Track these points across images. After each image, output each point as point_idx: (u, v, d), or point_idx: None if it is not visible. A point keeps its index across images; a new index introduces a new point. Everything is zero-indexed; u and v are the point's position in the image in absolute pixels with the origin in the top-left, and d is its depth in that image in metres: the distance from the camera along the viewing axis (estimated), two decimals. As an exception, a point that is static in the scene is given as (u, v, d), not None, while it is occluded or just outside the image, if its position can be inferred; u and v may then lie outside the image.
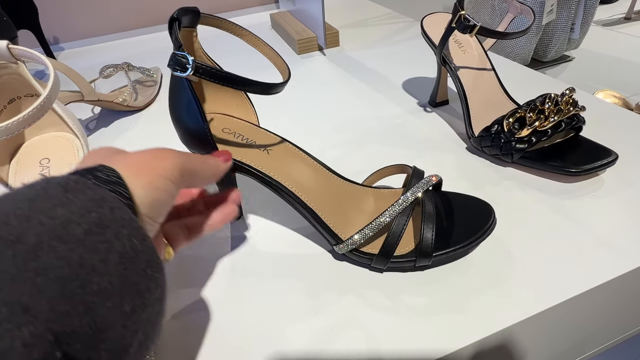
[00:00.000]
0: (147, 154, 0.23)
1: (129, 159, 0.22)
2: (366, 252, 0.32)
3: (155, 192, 0.21)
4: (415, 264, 0.32)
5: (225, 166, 0.28)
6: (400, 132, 0.51)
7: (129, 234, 0.18)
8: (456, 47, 0.49)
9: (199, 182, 0.26)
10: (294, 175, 0.34)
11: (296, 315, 0.30)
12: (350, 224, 0.33)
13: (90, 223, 0.16)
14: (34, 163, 0.33)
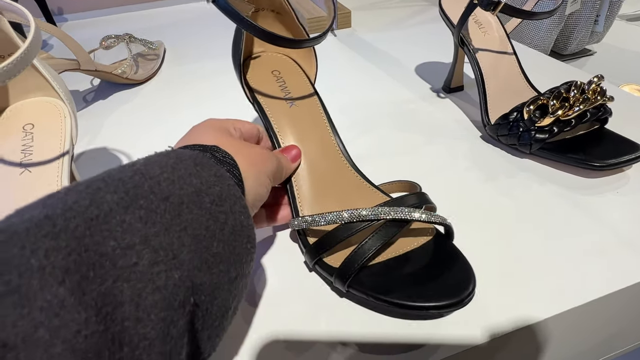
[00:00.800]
0: (255, 151, 0.26)
1: (243, 150, 0.25)
2: (328, 264, 0.27)
3: (260, 187, 0.24)
4: (333, 282, 0.27)
5: (294, 167, 0.31)
6: (411, 117, 0.48)
7: (239, 210, 0.20)
8: (476, 27, 0.45)
9: (280, 180, 0.30)
10: (297, 137, 0.33)
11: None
12: (320, 208, 0.30)
13: (214, 195, 0.19)
14: (17, 128, 0.31)
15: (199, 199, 0.18)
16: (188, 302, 0.16)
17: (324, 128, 0.33)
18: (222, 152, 0.23)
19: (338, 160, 0.33)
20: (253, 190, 0.23)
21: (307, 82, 0.36)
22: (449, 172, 0.39)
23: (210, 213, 0.18)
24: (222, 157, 0.22)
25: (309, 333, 0.26)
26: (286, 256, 0.32)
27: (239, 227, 0.20)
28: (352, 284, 0.26)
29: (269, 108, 0.33)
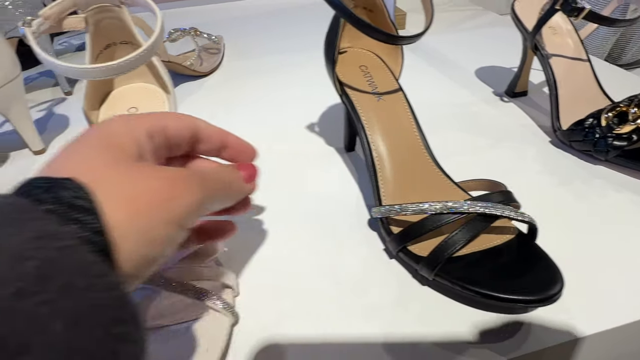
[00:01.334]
0: (151, 183, 0.16)
1: (128, 188, 0.15)
2: (414, 252, 0.29)
3: (150, 246, 0.15)
4: (418, 270, 0.28)
5: (248, 191, 0.23)
6: (476, 120, 0.48)
7: (86, 285, 0.12)
8: (550, 33, 0.45)
9: (215, 209, 0.21)
10: (383, 129, 0.34)
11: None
12: (404, 199, 0.31)
13: (24, 278, 0.11)
14: (122, 110, 0.34)
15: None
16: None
17: (409, 123, 0.34)
18: (74, 191, 0.14)
19: (421, 154, 0.34)
20: (136, 256, 0.15)
21: (392, 77, 0.37)
22: (520, 175, 0.39)
23: (12, 316, 0.11)
24: (72, 197, 0.14)
25: (395, 319, 0.27)
26: (364, 243, 0.33)
27: (86, 311, 0.12)
28: (440, 272, 0.27)
29: (358, 101, 0.35)
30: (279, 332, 0.27)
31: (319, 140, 0.47)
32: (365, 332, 0.26)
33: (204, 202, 0.18)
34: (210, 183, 0.19)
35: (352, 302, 0.28)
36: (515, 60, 0.61)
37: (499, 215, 0.27)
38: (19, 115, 0.44)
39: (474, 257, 0.28)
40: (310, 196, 0.38)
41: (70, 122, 0.54)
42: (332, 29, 0.35)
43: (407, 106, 0.35)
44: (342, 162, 0.43)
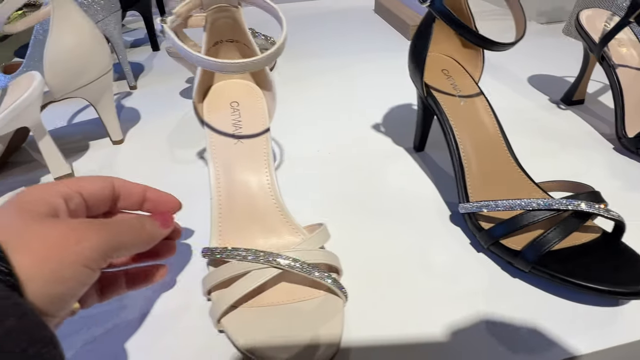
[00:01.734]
0: (57, 232, 0.19)
1: (34, 240, 0.18)
2: (507, 246, 0.30)
3: (60, 285, 0.18)
4: (514, 263, 0.30)
5: (164, 233, 0.25)
6: (537, 125, 0.50)
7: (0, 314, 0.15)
8: (615, 44, 0.47)
9: (129, 253, 0.23)
10: (469, 130, 0.36)
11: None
12: (489, 196, 0.33)
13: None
14: (225, 104, 0.36)
15: None
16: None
17: (493, 124, 0.36)
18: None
19: (505, 155, 0.36)
20: (46, 295, 0.18)
21: (473, 81, 0.39)
22: (589, 180, 0.40)
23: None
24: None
25: (491, 307, 0.29)
26: (450, 237, 0.35)
27: (2, 339, 0.15)
28: (537, 265, 0.29)
29: (445, 104, 0.37)
30: (375, 316, 0.29)
31: (387, 140, 0.49)
32: (459, 318, 0.28)
33: (108, 245, 0.20)
34: (114, 228, 0.21)
35: (448, 290, 0.30)
36: (563, 68, 0.63)
37: (597, 213, 0.29)
38: (107, 106, 0.47)
39: (567, 252, 0.30)
40: (388, 192, 0.40)
41: (141, 115, 0.57)
42: (422, 36, 0.37)
43: (490, 108, 0.37)
44: (414, 161, 0.45)
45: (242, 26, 0.34)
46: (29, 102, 0.37)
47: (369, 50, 0.75)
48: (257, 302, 0.27)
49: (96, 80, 0.43)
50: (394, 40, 0.80)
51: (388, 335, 0.27)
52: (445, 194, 0.40)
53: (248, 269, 0.26)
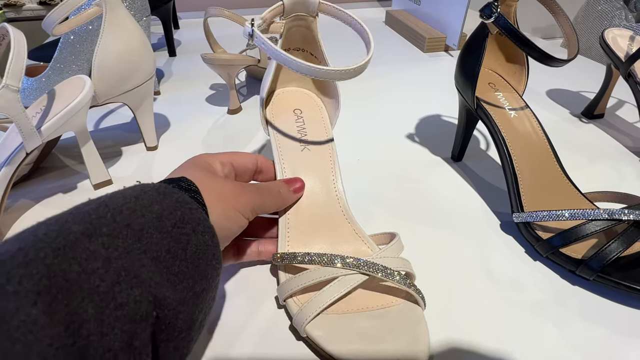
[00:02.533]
0: (227, 186, 0.27)
1: (211, 185, 0.26)
2: (568, 255, 0.32)
3: (226, 222, 0.25)
4: (577, 271, 0.31)
5: (295, 198, 0.31)
6: (563, 138, 0.52)
7: (202, 230, 0.22)
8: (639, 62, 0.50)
9: (268, 211, 0.30)
10: (521, 142, 0.38)
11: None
12: (542, 206, 0.34)
13: (176, 219, 0.21)
14: (289, 111, 0.36)
15: (160, 224, 0.20)
16: (150, 315, 0.18)
17: (541, 136, 0.38)
18: (187, 182, 0.24)
19: (553, 165, 0.37)
20: (218, 224, 0.24)
21: (518, 95, 0.40)
22: (624, 191, 0.43)
23: (171, 236, 0.20)
24: (187, 185, 0.24)
25: (559, 314, 0.30)
26: (504, 245, 0.36)
27: (203, 246, 0.21)
28: (600, 273, 0.30)
29: (496, 116, 0.38)
30: (447, 322, 0.29)
31: (424, 150, 0.50)
32: (538, 324, 0.29)
33: (256, 202, 0.28)
34: (261, 191, 0.29)
35: (514, 298, 0.31)
36: (575, 82, 0.66)
37: (658, 224, 0.30)
38: (145, 111, 0.46)
39: (625, 260, 0.31)
40: (434, 201, 0.41)
41: (170, 121, 0.56)
42: (474, 50, 0.38)
43: (537, 121, 0.39)
44: (454, 171, 0.46)
45: (315, 36, 0.34)
46: (80, 107, 0.36)
47: (387, 62, 0.77)
48: (338, 309, 0.27)
49: (140, 86, 0.43)
50: (409, 52, 0.82)
51: (466, 342, 0.28)
52: (491, 203, 0.41)
53: (336, 275, 0.26)
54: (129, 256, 0.18)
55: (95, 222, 0.19)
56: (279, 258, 0.28)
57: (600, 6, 1.10)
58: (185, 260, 0.20)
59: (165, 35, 0.76)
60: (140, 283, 0.18)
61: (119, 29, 0.39)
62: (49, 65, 0.54)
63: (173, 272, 0.19)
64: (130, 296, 0.17)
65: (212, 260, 0.22)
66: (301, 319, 0.26)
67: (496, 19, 0.33)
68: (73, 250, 0.17)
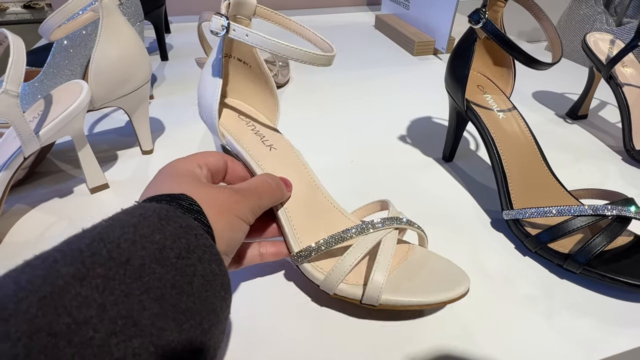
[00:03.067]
0: (225, 195, 0.25)
1: (211, 199, 0.24)
2: (555, 249, 0.33)
3: (232, 232, 0.24)
4: (564, 265, 0.33)
5: (285, 195, 0.31)
6: (548, 138, 0.54)
7: (209, 259, 0.20)
8: (620, 64, 0.52)
9: (264, 209, 0.29)
10: (509, 142, 0.39)
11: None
12: (530, 203, 0.36)
13: (180, 248, 0.19)
14: (236, 118, 0.36)
15: (163, 256, 0.18)
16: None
17: (528, 136, 0.39)
18: (188, 200, 0.22)
19: (540, 164, 0.39)
20: (225, 238, 0.23)
21: (505, 97, 0.42)
22: (608, 189, 0.44)
23: (176, 268, 0.18)
24: (189, 205, 0.22)
25: (549, 307, 0.31)
26: (495, 242, 0.37)
27: (211, 276, 0.19)
28: (586, 267, 0.32)
29: (485, 117, 0.39)
30: (439, 315, 0.30)
31: (415, 151, 0.51)
32: (528, 318, 0.30)
33: (255, 205, 0.27)
34: (257, 193, 0.27)
35: (505, 291, 0.32)
36: (563, 85, 0.68)
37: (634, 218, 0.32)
38: (141, 115, 0.46)
39: (609, 254, 0.33)
40: (427, 200, 0.42)
41: (165, 125, 0.56)
42: (463, 54, 0.40)
43: (524, 122, 0.40)
44: (445, 172, 0.47)
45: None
46: (77, 112, 0.37)
47: (377, 65, 0.78)
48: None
49: (137, 90, 0.43)
50: (398, 55, 0.83)
51: (459, 334, 0.29)
52: (481, 201, 0.42)
53: (378, 238, 0.29)
54: (128, 299, 0.16)
55: (88, 262, 0.16)
56: (301, 256, 0.29)
57: (582, 10, 1.13)
58: (192, 295, 0.18)
59: (158, 40, 0.76)
60: (140, 332, 0.16)
61: (116, 34, 0.40)
62: (42, 70, 0.54)
63: (179, 310, 0.17)
64: (128, 349, 0.15)
65: (221, 291, 0.20)
66: (376, 289, 0.27)
67: (484, 24, 0.34)
68: (62, 297, 0.15)
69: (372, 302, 0.28)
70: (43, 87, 0.53)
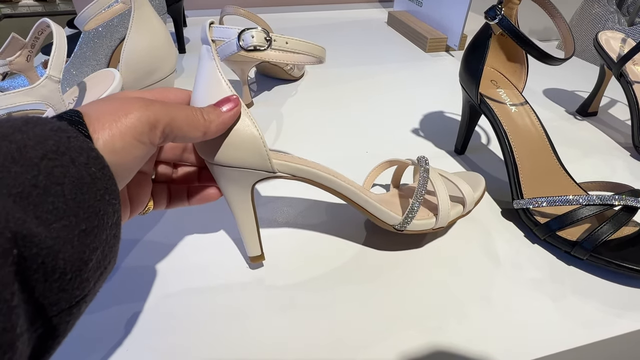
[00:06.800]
0: (112, 106, 0.21)
1: (96, 109, 0.21)
2: (564, 237, 0.35)
3: (113, 156, 0.20)
4: (572, 252, 0.34)
5: (226, 118, 0.25)
6: (558, 134, 0.55)
7: (86, 162, 0.18)
8: (630, 62, 0.53)
9: (184, 138, 0.24)
10: (521, 135, 0.41)
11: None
12: (540, 193, 0.37)
13: (46, 149, 0.17)
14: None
15: (22, 155, 0.17)
16: (10, 252, 0.15)
17: (539, 129, 0.41)
18: (69, 113, 0.20)
19: (550, 157, 0.40)
20: (109, 153, 0.20)
21: (518, 92, 0.43)
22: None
23: (39, 169, 0.17)
24: (69, 117, 0.20)
25: (556, 291, 0.33)
26: (505, 230, 0.39)
27: (88, 179, 0.18)
28: (593, 254, 0.33)
29: (498, 111, 0.41)
30: (453, 297, 0.32)
31: (428, 144, 0.53)
32: (535, 299, 0.32)
33: (156, 118, 0.22)
34: (167, 106, 0.23)
35: (515, 276, 0.34)
36: (573, 83, 0.69)
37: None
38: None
39: (615, 242, 0.34)
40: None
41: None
42: (478, 49, 0.41)
43: (535, 116, 0.42)
44: (458, 164, 0.49)
45: None
46: (110, 98, 0.39)
47: (390, 61, 0.80)
48: None
49: (163, 79, 0.45)
50: (411, 52, 0.84)
51: (471, 316, 0.31)
52: (492, 192, 0.44)
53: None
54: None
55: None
56: None
57: (594, 10, 1.14)
58: (61, 196, 0.17)
59: (176, 33, 0.78)
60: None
61: (147, 25, 0.42)
62: (68, 60, 0.56)
63: (45, 209, 0.17)
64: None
65: (105, 195, 0.19)
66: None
67: (500, 20, 0.36)
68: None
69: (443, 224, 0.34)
70: (69, 76, 0.55)
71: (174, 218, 0.39)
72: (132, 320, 0.30)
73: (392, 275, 0.34)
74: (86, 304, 0.19)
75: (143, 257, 0.35)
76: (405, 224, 0.33)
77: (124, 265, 0.34)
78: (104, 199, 0.19)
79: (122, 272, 0.34)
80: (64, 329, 0.18)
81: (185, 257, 0.35)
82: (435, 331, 0.29)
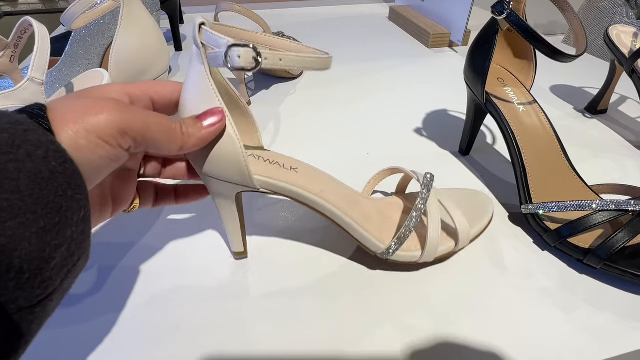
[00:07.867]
0: (80, 104, 0.20)
1: (63, 105, 0.20)
2: (575, 244, 0.33)
3: (76, 152, 0.19)
4: (584, 260, 0.32)
5: (205, 134, 0.24)
6: (567, 132, 0.53)
7: (44, 155, 0.17)
8: (642, 58, 0.51)
9: (158, 148, 0.23)
10: (529, 136, 0.39)
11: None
12: (550, 198, 0.36)
13: (0, 143, 0.17)
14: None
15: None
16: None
17: (549, 130, 0.39)
18: (33, 106, 0.20)
19: (561, 159, 0.38)
20: (72, 152, 0.19)
21: (526, 90, 0.41)
22: (628, 183, 0.44)
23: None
24: (31, 109, 0.19)
25: (567, 300, 0.31)
26: (513, 236, 0.37)
27: (47, 174, 0.17)
28: (607, 262, 0.31)
29: (505, 110, 0.39)
30: (458, 307, 0.30)
31: (432, 144, 0.51)
32: (546, 310, 0.30)
33: (128, 124, 0.21)
34: (141, 114, 0.22)
35: (523, 285, 0.32)
36: (580, 79, 0.67)
37: (661, 214, 0.31)
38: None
39: (630, 250, 0.32)
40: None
41: (181, 115, 0.57)
42: (484, 46, 0.39)
43: (544, 115, 0.40)
44: (462, 165, 0.47)
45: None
46: (99, 100, 0.37)
47: (392, 57, 0.77)
48: None
49: (155, 79, 0.43)
50: (413, 48, 0.82)
51: (477, 325, 0.29)
52: (499, 195, 0.42)
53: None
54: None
55: None
56: None
57: (601, 3, 1.11)
58: (16, 192, 0.16)
59: (172, 30, 0.76)
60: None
61: (136, 23, 0.40)
62: (60, 59, 0.54)
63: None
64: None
65: (68, 190, 0.18)
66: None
67: (508, 15, 0.34)
68: None
69: (429, 259, 0.31)
70: (61, 76, 0.53)
71: (168, 220, 0.38)
72: (123, 325, 0.29)
73: (393, 282, 0.32)
74: (53, 302, 0.18)
75: (135, 259, 0.34)
76: (388, 254, 0.31)
77: (119, 266, 0.33)
78: (66, 195, 0.18)
79: (117, 272, 0.32)
80: (28, 327, 0.17)
81: (180, 259, 0.34)
82: (438, 342, 0.28)
